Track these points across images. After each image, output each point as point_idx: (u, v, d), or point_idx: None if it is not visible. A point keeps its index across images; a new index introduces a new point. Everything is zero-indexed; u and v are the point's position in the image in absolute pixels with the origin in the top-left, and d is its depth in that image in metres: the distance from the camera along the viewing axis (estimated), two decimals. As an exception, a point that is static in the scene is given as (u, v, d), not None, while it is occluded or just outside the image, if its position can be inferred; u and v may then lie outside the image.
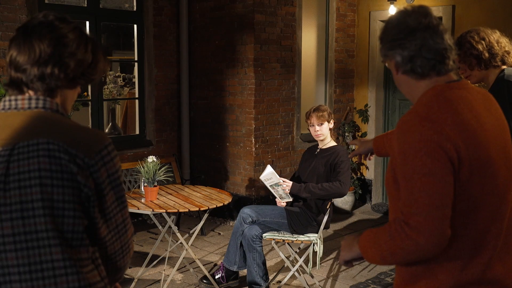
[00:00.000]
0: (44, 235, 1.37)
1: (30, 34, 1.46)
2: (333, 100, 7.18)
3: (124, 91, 8.14)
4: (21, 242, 1.36)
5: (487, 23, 2.64)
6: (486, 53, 2.82)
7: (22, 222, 1.36)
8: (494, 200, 1.59)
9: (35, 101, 1.47)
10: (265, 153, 6.29)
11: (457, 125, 1.54)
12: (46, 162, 1.37)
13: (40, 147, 1.38)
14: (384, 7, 6.89)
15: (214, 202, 4.26)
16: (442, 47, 1.64)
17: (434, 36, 1.63)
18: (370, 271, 4.85)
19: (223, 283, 4.43)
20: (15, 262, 1.37)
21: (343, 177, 4.14)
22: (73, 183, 1.39)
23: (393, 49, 1.67)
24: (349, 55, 7.31)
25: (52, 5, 5.68)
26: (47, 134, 1.40)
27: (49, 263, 1.37)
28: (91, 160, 1.41)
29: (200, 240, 5.67)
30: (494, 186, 1.58)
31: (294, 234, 4.23)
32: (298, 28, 6.53)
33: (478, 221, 1.57)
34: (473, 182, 1.54)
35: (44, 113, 1.46)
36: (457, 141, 1.51)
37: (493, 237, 1.59)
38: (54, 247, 1.37)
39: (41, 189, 1.37)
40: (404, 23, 1.66)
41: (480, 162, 1.55)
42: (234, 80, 6.31)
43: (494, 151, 1.59)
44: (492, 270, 1.59)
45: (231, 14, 6.25)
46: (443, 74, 1.66)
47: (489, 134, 1.60)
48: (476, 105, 1.63)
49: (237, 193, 6.29)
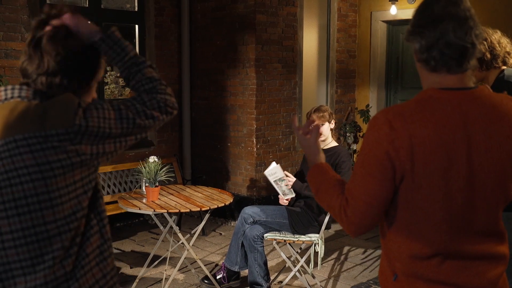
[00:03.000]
0: (43, 228, 1.39)
1: (39, 46, 1.49)
2: (335, 101, 7.18)
3: (126, 91, 8.14)
4: (20, 238, 1.39)
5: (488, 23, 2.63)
6: (488, 54, 2.81)
7: (18, 219, 1.39)
8: (448, 219, 1.56)
9: (11, 91, 1.47)
10: (266, 153, 6.29)
11: (414, 139, 1.51)
12: (31, 158, 1.38)
13: (19, 144, 1.39)
14: (385, 8, 6.89)
15: (216, 202, 4.26)
16: (462, 44, 1.52)
17: (457, 29, 1.52)
18: (372, 271, 4.85)
19: (225, 284, 4.43)
20: (16, 258, 1.39)
21: (345, 177, 4.14)
22: (64, 169, 1.40)
23: (414, 35, 1.59)
24: (350, 55, 7.31)
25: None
26: (22, 129, 1.40)
27: (49, 254, 1.40)
28: (74, 126, 1.41)
29: (201, 240, 5.67)
30: (448, 206, 1.55)
31: (295, 234, 4.22)
32: (300, 29, 6.53)
33: (427, 232, 1.58)
34: (420, 195, 1.55)
35: (21, 104, 1.45)
36: (404, 156, 1.51)
37: (444, 246, 1.58)
38: (53, 238, 1.40)
39: (33, 184, 1.38)
40: (430, 9, 1.56)
41: (430, 180, 1.52)
42: (235, 81, 6.31)
43: (462, 173, 1.53)
44: (443, 272, 1.59)
45: (232, 14, 6.25)
46: (454, 73, 1.56)
47: (463, 151, 1.53)
48: (469, 123, 1.55)
49: (239, 194, 6.29)
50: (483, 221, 1.59)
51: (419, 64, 1.62)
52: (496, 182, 1.59)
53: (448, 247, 1.58)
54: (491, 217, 1.61)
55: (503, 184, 1.61)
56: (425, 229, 1.58)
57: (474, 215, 1.58)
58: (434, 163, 1.52)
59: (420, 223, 1.58)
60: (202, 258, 5.10)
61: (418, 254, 1.59)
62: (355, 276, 4.77)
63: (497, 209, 1.62)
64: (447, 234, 1.57)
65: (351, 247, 5.52)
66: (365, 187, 1.58)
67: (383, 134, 1.53)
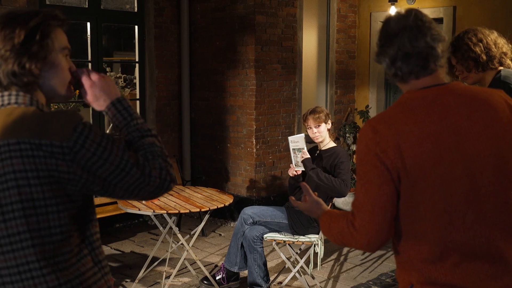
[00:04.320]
0: (27, 235, 1.37)
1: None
2: (334, 101, 7.18)
3: (125, 92, 8.16)
4: (6, 245, 1.37)
5: (488, 23, 2.63)
6: (484, 56, 2.78)
7: (4, 225, 1.37)
8: (449, 210, 1.56)
9: (7, 97, 1.45)
10: (266, 154, 6.29)
11: (398, 136, 1.57)
12: (20, 163, 1.36)
13: (11, 148, 1.36)
14: (385, 8, 6.89)
15: (215, 203, 4.26)
16: (420, 51, 1.61)
17: (413, 38, 1.61)
18: (371, 272, 4.85)
19: (224, 284, 4.42)
20: (4, 265, 1.38)
21: (345, 177, 4.13)
22: (51, 179, 1.37)
23: (379, 55, 1.70)
24: (350, 56, 7.31)
25: (53, 6, 5.68)
26: (17, 134, 1.37)
27: (35, 263, 1.38)
28: (70, 141, 1.37)
29: (201, 241, 5.67)
30: (447, 196, 1.56)
31: (295, 235, 4.22)
32: (299, 29, 6.53)
33: (431, 228, 1.58)
34: (418, 190, 1.57)
35: (17, 110, 1.42)
36: (393, 155, 1.56)
37: (451, 247, 1.58)
38: (38, 247, 1.37)
39: (18, 190, 1.36)
40: (386, 28, 1.69)
41: (424, 173, 1.55)
42: (235, 81, 6.31)
43: (456, 160, 1.56)
44: (457, 276, 1.58)
45: (232, 15, 6.25)
46: (422, 76, 1.64)
47: (451, 140, 1.57)
48: (451, 113, 1.59)
49: (238, 194, 6.29)
50: (492, 210, 1.59)
51: (392, 79, 1.72)
52: (498, 166, 1.60)
53: (456, 241, 1.57)
54: (500, 204, 1.60)
55: (506, 166, 1.61)
56: (429, 226, 1.58)
57: (480, 203, 1.58)
58: (423, 155, 1.56)
59: (423, 220, 1.58)
60: (201, 259, 5.10)
61: (429, 257, 1.59)
62: (355, 277, 4.77)
63: (507, 194, 1.61)
64: (451, 226, 1.57)
65: (350, 248, 5.51)
66: (367, 195, 1.61)
67: (369, 139, 1.61)
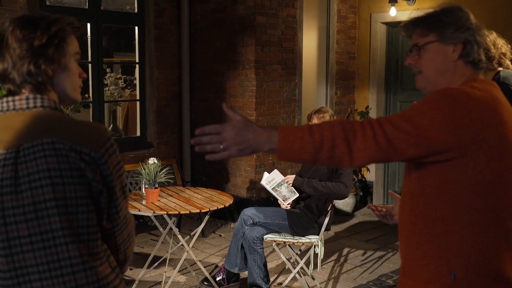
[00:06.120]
0: (60, 233, 1.39)
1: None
2: (334, 102, 7.17)
3: (125, 93, 8.15)
4: (38, 242, 1.39)
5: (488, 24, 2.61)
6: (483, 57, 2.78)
7: (37, 222, 1.39)
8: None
9: (33, 100, 1.47)
10: (266, 155, 6.29)
11: (499, 116, 1.59)
12: (55, 162, 1.39)
13: (45, 147, 1.39)
14: (385, 9, 6.89)
15: (215, 204, 4.26)
16: (485, 46, 1.76)
17: (480, 33, 1.72)
18: (371, 273, 4.85)
19: (224, 285, 4.42)
20: (33, 262, 1.39)
21: (345, 179, 4.14)
22: (82, 179, 1.41)
23: (465, 32, 1.71)
24: (350, 57, 7.31)
25: (53, 7, 5.68)
26: (50, 133, 1.41)
27: (67, 261, 1.40)
28: (97, 153, 1.42)
29: (201, 242, 5.67)
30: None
31: (295, 236, 4.22)
32: (299, 30, 6.53)
33: (497, 210, 1.56)
34: (490, 169, 1.55)
35: (44, 112, 1.46)
36: (486, 128, 1.54)
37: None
38: (70, 244, 1.40)
39: (53, 188, 1.38)
40: (467, 14, 1.74)
41: (498, 151, 1.56)
42: (235, 82, 6.31)
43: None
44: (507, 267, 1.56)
45: (232, 16, 6.25)
46: (478, 70, 1.73)
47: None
48: (503, 102, 1.68)
49: (238, 195, 6.29)
50: None
51: (459, 62, 1.71)
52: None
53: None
54: None
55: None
56: (504, 203, 1.56)
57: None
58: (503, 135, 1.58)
59: (496, 196, 1.56)
60: (201, 259, 5.10)
61: (499, 243, 1.55)
62: (355, 278, 4.76)
63: None
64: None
65: (350, 248, 5.51)
66: (388, 135, 1.54)
67: (461, 104, 1.57)
